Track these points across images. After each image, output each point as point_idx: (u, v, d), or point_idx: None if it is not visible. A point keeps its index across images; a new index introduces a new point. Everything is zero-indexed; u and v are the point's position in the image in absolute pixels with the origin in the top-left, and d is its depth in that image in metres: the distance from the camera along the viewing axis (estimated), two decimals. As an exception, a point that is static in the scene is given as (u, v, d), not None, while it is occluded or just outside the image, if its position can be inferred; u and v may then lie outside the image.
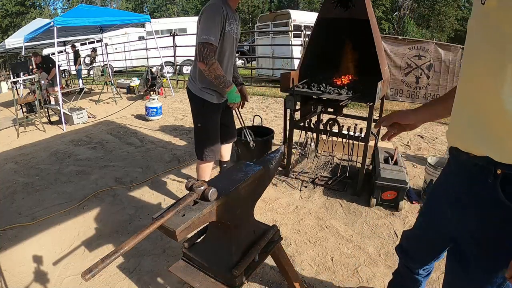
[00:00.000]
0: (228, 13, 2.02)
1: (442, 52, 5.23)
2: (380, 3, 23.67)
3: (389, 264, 2.00)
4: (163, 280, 1.90)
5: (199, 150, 2.36)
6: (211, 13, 1.95)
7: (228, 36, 2.07)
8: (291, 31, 9.18)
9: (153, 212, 2.63)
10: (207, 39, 1.91)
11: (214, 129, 2.33)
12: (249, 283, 1.85)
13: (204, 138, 2.33)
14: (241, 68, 13.46)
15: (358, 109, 6.23)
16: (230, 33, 2.09)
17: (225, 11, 1.99)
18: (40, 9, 28.34)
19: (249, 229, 1.34)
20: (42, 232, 2.41)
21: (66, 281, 1.91)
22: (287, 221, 2.49)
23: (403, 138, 4.53)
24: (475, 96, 0.79)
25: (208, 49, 1.93)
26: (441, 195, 1.03)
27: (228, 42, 2.10)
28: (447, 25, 24.49)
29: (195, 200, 1.07)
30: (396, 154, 2.90)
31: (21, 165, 3.80)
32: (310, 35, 3.15)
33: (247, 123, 5.22)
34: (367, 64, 2.76)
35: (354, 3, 2.80)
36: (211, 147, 2.34)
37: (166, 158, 3.80)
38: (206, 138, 2.32)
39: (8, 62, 15.00)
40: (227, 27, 2.03)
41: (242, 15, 28.13)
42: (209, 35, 1.92)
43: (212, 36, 1.92)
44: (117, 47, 13.16)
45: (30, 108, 5.96)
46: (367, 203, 2.67)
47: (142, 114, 6.17)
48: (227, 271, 1.18)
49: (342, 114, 3.21)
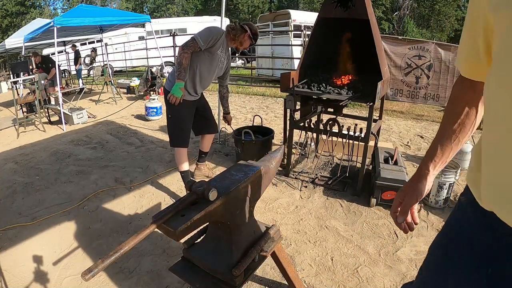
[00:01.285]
0: (224, 44, 2.52)
1: (442, 52, 5.23)
2: (380, 3, 23.67)
3: (389, 264, 2.00)
4: (163, 280, 1.90)
5: (170, 138, 2.73)
6: (213, 29, 2.44)
7: (215, 57, 2.53)
8: (291, 31, 9.18)
9: (153, 212, 2.62)
10: (197, 38, 2.37)
11: (183, 121, 2.66)
12: (249, 283, 1.85)
13: (174, 128, 2.69)
14: (241, 68, 13.48)
15: (358, 109, 6.23)
16: (219, 57, 2.55)
17: (223, 40, 2.48)
18: (40, 9, 28.33)
19: (249, 229, 1.34)
20: (42, 232, 2.41)
21: (66, 281, 1.91)
22: (287, 221, 2.49)
23: (403, 138, 4.53)
24: None
25: (192, 43, 2.36)
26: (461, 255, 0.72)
27: (214, 62, 2.55)
28: (447, 25, 24.49)
29: (195, 200, 1.07)
30: (396, 154, 2.90)
31: (21, 165, 3.80)
32: (310, 35, 3.15)
33: (247, 123, 5.25)
34: (367, 64, 2.76)
35: (354, 3, 2.80)
36: (180, 134, 2.69)
37: (166, 158, 3.80)
38: (176, 127, 2.68)
39: (8, 62, 15.00)
40: (218, 51, 2.50)
41: (242, 15, 28.12)
42: (200, 37, 2.37)
43: (201, 39, 2.36)
44: (117, 47, 13.16)
45: (30, 108, 5.96)
46: (367, 203, 2.67)
47: (142, 114, 6.17)
48: (227, 271, 1.18)
49: (342, 114, 3.21)
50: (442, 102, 5.44)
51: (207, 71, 2.56)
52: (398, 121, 5.50)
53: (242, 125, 4.09)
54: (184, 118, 2.67)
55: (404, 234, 2.26)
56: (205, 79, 2.61)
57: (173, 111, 2.62)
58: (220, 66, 2.63)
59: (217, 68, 2.62)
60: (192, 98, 2.68)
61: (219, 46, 2.46)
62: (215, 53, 2.49)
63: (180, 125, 2.67)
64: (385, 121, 5.38)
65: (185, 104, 2.59)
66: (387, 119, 5.56)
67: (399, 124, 5.25)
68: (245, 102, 7.30)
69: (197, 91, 2.67)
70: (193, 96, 2.67)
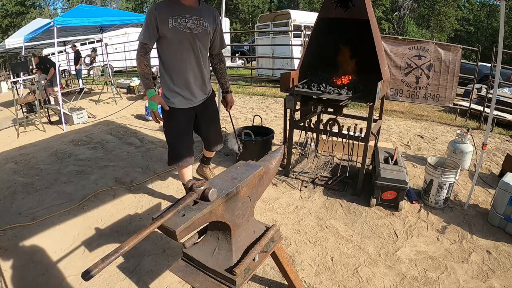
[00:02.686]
0: (172, 9, 1.93)
1: (442, 52, 5.23)
2: (380, 3, 23.67)
3: (389, 264, 2.00)
4: (163, 280, 1.90)
5: (168, 154, 2.30)
6: (147, 15, 1.99)
7: (175, 31, 1.94)
8: (291, 31, 9.18)
9: (153, 212, 2.63)
10: (139, 38, 1.98)
11: (177, 134, 2.19)
12: (249, 283, 1.85)
13: (168, 143, 2.24)
14: (241, 68, 13.48)
15: (358, 109, 6.23)
16: (179, 28, 1.94)
17: (163, 9, 1.92)
18: (40, 9, 28.30)
19: (249, 229, 1.34)
20: (42, 232, 2.41)
21: (66, 281, 1.91)
22: (287, 221, 2.49)
23: (403, 138, 4.53)
24: None
25: (139, 45, 1.99)
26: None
27: (178, 37, 1.96)
28: (447, 25, 24.49)
29: (195, 200, 1.07)
30: (396, 154, 2.90)
31: (21, 165, 3.80)
32: (310, 35, 3.15)
33: (247, 123, 5.25)
34: (367, 64, 2.76)
35: (354, 3, 2.80)
36: (175, 152, 2.23)
37: (166, 158, 3.80)
38: (169, 143, 2.23)
39: (8, 62, 15.00)
40: (169, 23, 1.92)
41: (242, 15, 28.11)
42: (141, 34, 1.98)
43: (142, 35, 1.96)
44: (117, 47, 13.16)
45: (30, 108, 5.95)
46: (367, 203, 2.67)
47: (142, 114, 6.17)
48: (227, 271, 1.18)
49: (342, 114, 3.21)
50: (442, 102, 5.44)
51: (179, 54, 2.01)
52: (398, 121, 5.50)
53: (242, 125, 4.09)
54: (178, 130, 2.18)
55: (404, 234, 2.26)
56: (184, 66, 2.04)
57: (165, 123, 2.19)
58: (194, 33, 2.00)
59: (192, 42, 2.01)
60: (186, 104, 2.13)
61: (166, 18, 1.91)
62: (171, 30, 1.93)
63: (171, 140, 2.22)
64: (385, 121, 5.38)
65: (177, 113, 2.13)
66: (387, 119, 5.57)
67: (399, 124, 5.25)
68: (245, 102, 7.30)
69: (191, 89, 2.11)
70: (188, 101, 2.13)
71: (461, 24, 25.36)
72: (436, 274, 1.92)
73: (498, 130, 4.99)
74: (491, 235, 2.30)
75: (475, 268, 1.98)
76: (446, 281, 1.87)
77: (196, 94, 2.16)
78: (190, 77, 2.09)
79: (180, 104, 2.12)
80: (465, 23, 25.62)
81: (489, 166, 3.56)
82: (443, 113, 6.16)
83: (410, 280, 1.87)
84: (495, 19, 24.03)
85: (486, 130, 2.63)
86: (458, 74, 5.24)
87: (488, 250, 2.15)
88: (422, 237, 2.27)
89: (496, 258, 2.06)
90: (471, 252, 2.12)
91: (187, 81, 2.08)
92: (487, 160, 3.73)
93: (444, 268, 1.97)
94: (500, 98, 5.60)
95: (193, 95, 2.14)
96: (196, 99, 2.17)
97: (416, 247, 2.17)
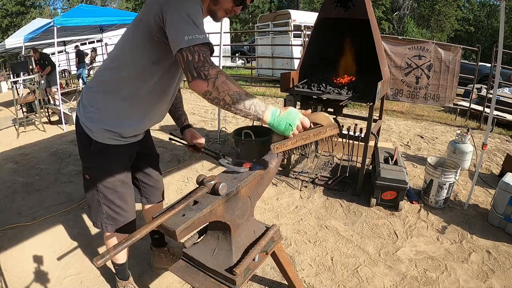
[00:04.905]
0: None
1: (442, 52, 5.22)
2: (380, 3, 23.66)
3: (389, 264, 2.00)
4: (163, 280, 1.90)
5: (93, 213, 1.49)
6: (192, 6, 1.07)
7: None
8: (291, 31, 9.18)
9: (153, 212, 2.62)
10: (199, 39, 1.02)
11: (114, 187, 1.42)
12: (249, 283, 1.85)
13: (95, 198, 1.43)
14: (241, 68, 13.47)
15: (358, 109, 6.23)
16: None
17: None
18: (40, 9, 28.29)
19: (249, 229, 1.34)
20: (42, 232, 2.41)
21: (66, 281, 1.91)
22: (287, 221, 2.49)
23: (403, 138, 4.53)
24: None
25: (202, 54, 1.01)
26: None
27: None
28: (447, 25, 24.49)
29: (195, 200, 1.07)
30: (396, 154, 2.90)
31: (21, 165, 3.80)
32: (310, 35, 3.15)
33: (247, 123, 5.23)
34: (367, 64, 2.76)
35: (354, 3, 2.80)
36: (110, 212, 1.45)
37: (166, 158, 3.80)
38: (99, 198, 1.42)
39: (8, 62, 14.99)
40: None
41: (242, 15, 28.10)
42: (195, 33, 1.02)
43: (198, 33, 1.03)
44: (117, 47, 13.13)
45: (30, 108, 5.95)
46: (367, 203, 2.67)
47: (142, 114, 6.16)
48: (227, 271, 1.18)
49: (342, 114, 3.21)
50: (442, 102, 5.44)
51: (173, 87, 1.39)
52: (398, 121, 5.51)
53: (242, 125, 4.09)
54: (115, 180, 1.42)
55: (404, 234, 2.26)
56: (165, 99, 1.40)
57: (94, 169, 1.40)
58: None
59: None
60: (134, 138, 1.44)
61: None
62: None
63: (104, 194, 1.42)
64: (385, 121, 5.38)
65: (120, 152, 1.40)
66: (387, 119, 5.57)
67: (399, 124, 5.26)
68: (245, 102, 7.29)
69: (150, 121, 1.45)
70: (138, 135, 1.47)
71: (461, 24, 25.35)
72: (436, 274, 1.92)
73: (498, 130, 4.99)
74: (491, 235, 2.30)
75: (475, 268, 1.98)
76: (446, 281, 1.87)
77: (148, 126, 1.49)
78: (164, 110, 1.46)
79: (125, 139, 1.38)
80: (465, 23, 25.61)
81: (489, 166, 3.56)
82: (443, 113, 6.16)
83: (410, 280, 1.87)
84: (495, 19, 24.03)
85: (486, 130, 2.63)
86: (458, 74, 5.23)
87: (488, 250, 2.15)
88: (422, 237, 2.27)
89: (496, 258, 2.07)
90: (471, 252, 2.12)
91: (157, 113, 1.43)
92: (487, 160, 3.73)
93: (444, 268, 1.97)
94: (500, 98, 5.60)
95: (145, 127, 1.47)
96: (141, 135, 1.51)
97: (416, 247, 2.17)
